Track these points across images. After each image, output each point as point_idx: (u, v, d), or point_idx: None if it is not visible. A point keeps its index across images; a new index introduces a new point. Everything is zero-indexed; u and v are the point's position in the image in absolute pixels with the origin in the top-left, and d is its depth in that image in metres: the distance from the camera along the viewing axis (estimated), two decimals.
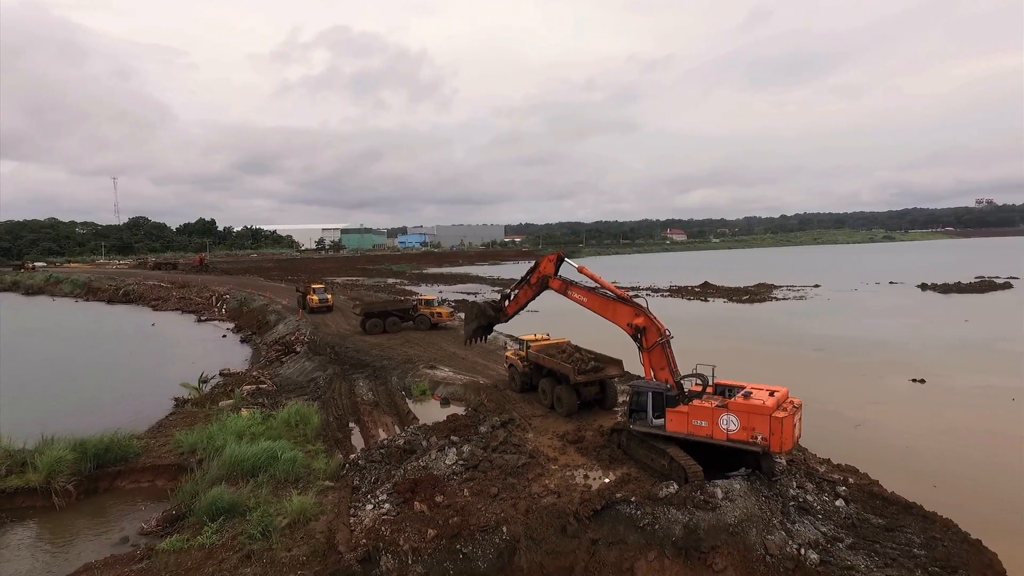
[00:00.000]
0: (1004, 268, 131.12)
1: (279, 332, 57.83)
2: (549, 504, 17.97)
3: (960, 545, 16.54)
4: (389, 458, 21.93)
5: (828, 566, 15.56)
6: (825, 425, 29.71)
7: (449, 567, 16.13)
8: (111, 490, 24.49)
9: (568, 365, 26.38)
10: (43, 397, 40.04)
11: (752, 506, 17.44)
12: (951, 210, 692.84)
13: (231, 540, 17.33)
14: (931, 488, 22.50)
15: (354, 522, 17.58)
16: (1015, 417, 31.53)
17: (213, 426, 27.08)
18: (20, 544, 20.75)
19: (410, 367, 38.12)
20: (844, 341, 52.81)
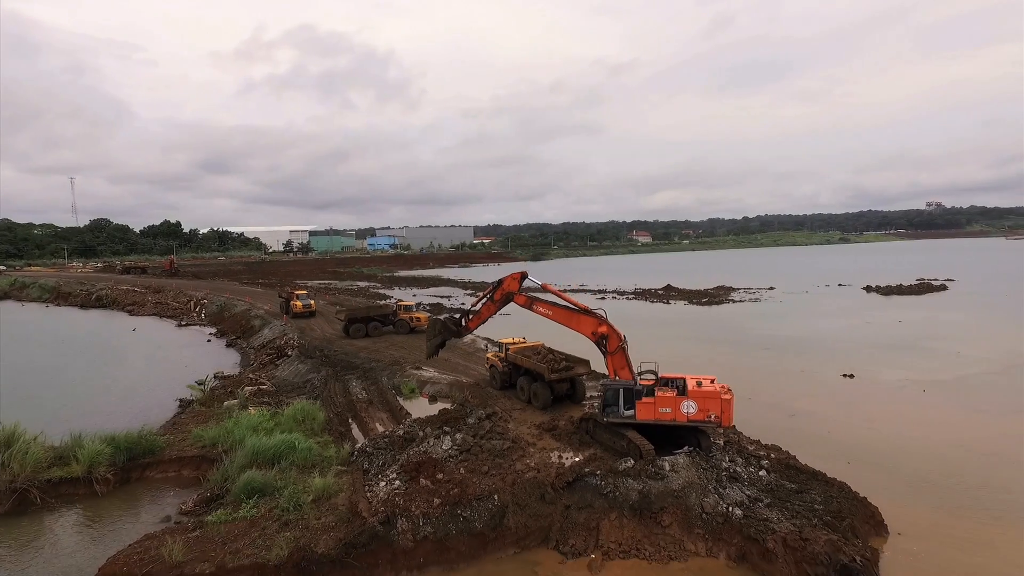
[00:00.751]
0: (943, 270, 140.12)
1: (265, 336, 60.67)
2: (531, 478, 22.05)
3: (851, 502, 21.16)
4: (392, 446, 25.70)
5: (748, 519, 19.95)
6: (765, 415, 34.49)
7: (452, 527, 20.07)
8: (142, 479, 27.71)
9: (543, 365, 30.50)
10: (46, 401, 42.45)
11: (692, 476, 21.79)
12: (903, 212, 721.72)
13: (268, 513, 20.94)
14: (845, 464, 27.22)
15: (371, 496, 21.36)
16: (922, 405, 36.78)
17: (229, 422, 30.46)
18: (71, 524, 23.97)
19: (397, 368, 41.80)
20: (789, 340, 58.21)
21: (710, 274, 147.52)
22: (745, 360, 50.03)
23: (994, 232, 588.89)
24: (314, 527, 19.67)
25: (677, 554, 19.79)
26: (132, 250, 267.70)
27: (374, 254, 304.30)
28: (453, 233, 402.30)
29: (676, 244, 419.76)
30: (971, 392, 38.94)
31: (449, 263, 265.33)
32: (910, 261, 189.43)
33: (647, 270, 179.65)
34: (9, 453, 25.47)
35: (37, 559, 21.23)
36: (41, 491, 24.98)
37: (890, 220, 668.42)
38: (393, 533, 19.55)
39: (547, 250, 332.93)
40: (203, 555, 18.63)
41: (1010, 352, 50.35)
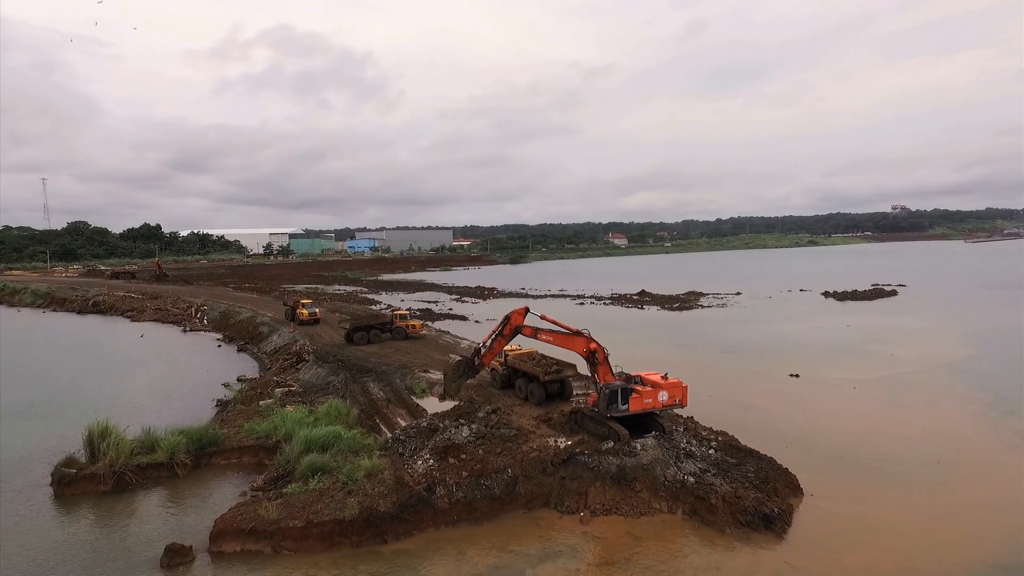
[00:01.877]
0: (898, 275, 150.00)
1: (275, 343, 66.20)
2: (534, 456, 28.48)
3: (776, 472, 28.01)
4: (420, 435, 31.87)
5: (699, 484, 26.64)
6: (724, 409, 41.14)
7: (477, 493, 26.42)
8: (209, 465, 33.51)
9: (538, 369, 36.98)
10: (93, 403, 47.58)
11: (658, 454, 28.42)
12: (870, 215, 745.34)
13: (332, 486, 27.00)
14: (798, 445, 34.09)
15: (411, 471, 27.58)
16: (851, 400, 44.07)
17: (275, 418, 36.40)
18: (165, 498, 29.79)
19: (407, 371, 47.90)
20: (748, 344, 65.56)
21: (682, 279, 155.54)
22: (709, 362, 57.06)
23: (954, 235, 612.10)
24: (372, 494, 25.84)
25: (646, 511, 26.36)
26: (112, 253, 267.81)
27: (355, 257, 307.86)
28: (432, 236, 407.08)
29: (652, 246, 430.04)
30: (893, 389, 46.38)
31: (430, 266, 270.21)
32: (869, 266, 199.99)
33: (623, 274, 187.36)
34: (106, 443, 31.14)
35: (154, 522, 27.09)
36: (134, 473, 30.71)
37: (857, 223, 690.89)
38: (433, 497, 25.84)
39: (525, 253, 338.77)
40: (291, 515, 24.71)
41: (933, 354, 58.25)
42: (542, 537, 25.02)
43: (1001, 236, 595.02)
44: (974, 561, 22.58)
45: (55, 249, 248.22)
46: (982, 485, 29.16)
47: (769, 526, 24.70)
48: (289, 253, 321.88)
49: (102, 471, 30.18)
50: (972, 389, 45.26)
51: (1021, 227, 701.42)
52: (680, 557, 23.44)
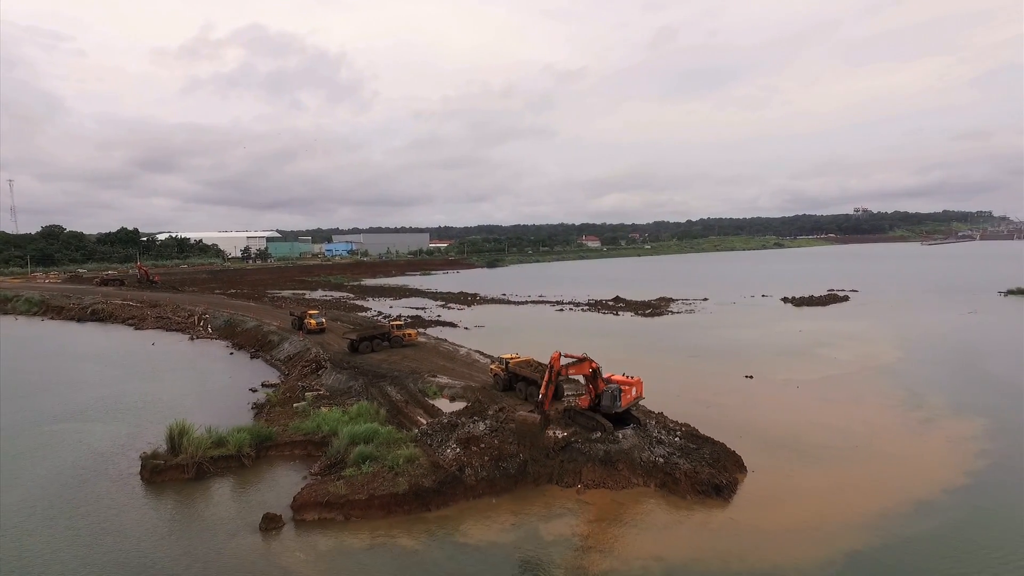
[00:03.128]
0: (853, 280, 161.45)
1: (287, 351, 72.61)
2: (539, 443, 36.11)
3: (726, 453, 36.11)
4: (443, 429, 39.21)
5: (667, 463, 34.56)
6: (689, 405, 49.02)
7: (496, 473, 33.94)
8: (266, 458, 40.36)
9: (536, 374, 44.61)
10: (138, 406, 53.80)
11: (635, 441, 36.29)
12: (834, 217, 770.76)
13: (381, 469, 34.19)
14: (747, 435, 42.09)
15: (443, 458, 34.97)
16: (794, 397, 52.57)
17: (317, 417, 43.42)
18: (239, 483, 36.63)
19: (417, 376, 55.03)
20: (712, 348, 74.12)
21: (654, 284, 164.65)
22: (677, 365, 65.34)
23: (912, 237, 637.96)
24: (416, 474, 33.16)
25: (627, 485, 34.14)
26: (89, 258, 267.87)
27: (334, 261, 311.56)
28: (409, 239, 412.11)
29: (624, 249, 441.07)
30: (829, 388, 55.13)
31: (409, 270, 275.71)
32: (828, 270, 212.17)
33: (598, 279, 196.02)
34: (185, 440, 37.89)
35: (236, 501, 34.03)
36: (210, 464, 37.50)
37: (822, 225, 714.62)
38: (464, 476, 33.31)
39: (502, 256, 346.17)
40: (355, 491, 31.93)
41: (867, 356, 67.44)
42: (548, 504, 32.66)
43: (956, 238, 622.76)
44: (868, 512, 30.80)
45: (32, 254, 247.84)
46: (885, 462, 37.63)
47: (719, 493, 32.73)
48: (267, 257, 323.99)
49: (185, 462, 36.95)
50: (892, 387, 54.25)
51: (974, 229, 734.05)
52: (652, 516, 31.30)
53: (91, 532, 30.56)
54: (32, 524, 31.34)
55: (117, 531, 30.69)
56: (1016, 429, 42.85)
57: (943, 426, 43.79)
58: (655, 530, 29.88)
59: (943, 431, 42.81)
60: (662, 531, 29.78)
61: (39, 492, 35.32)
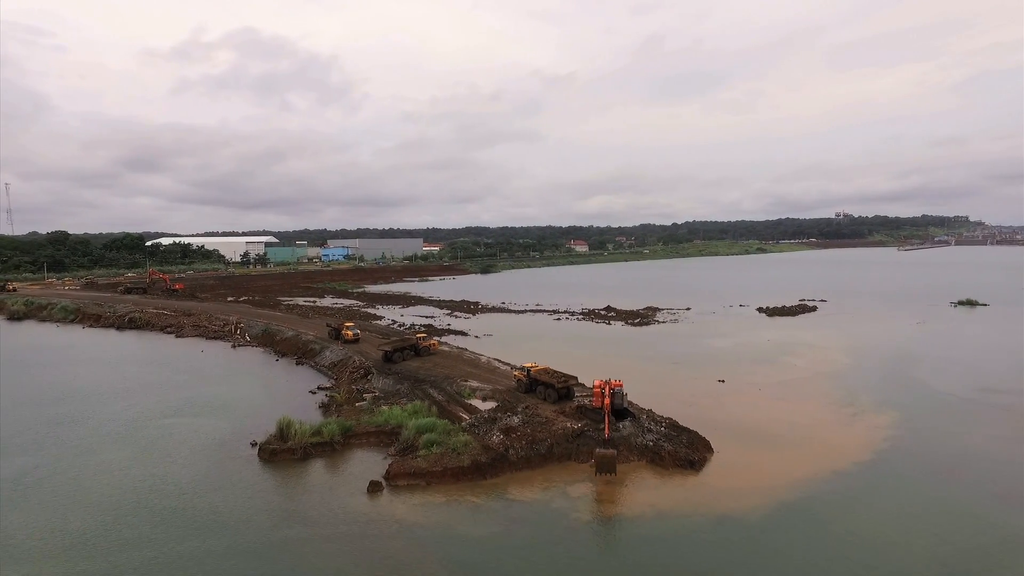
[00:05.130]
0: (825, 288, 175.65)
1: (329, 358, 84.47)
2: (559, 431, 48.67)
3: (698, 439, 48.95)
4: (486, 422, 51.55)
5: (655, 446, 47.28)
6: (673, 405, 61.44)
7: (531, 452, 46.46)
8: (348, 445, 52.41)
9: (554, 380, 57.18)
10: (225, 404, 65.48)
11: (632, 430, 48.98)
12: (815, 221, 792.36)
13: (445, 451, 46.47)
14: (716, 427, 54.67)
15: (491, 442, 47.40)
16: (757, 398, 65.48)
17: (384, 413, 55.63)
18: (335, 463, 48.75)
19: (451, 380, 67.25)
20: (692, 356, 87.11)
21: (641, 292, 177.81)
22: (663, 371, 78.15)
23: (890, 242, 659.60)
24: (473, 454, 45.54)
25: (626, 461, 46.70)
26: (96, 264, 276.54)
27: (333, 266, 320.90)
28: (403, 243, 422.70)
29: (612, 254, 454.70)
30: (785, 390, 68.20)
31: (407, 276, 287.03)
32: (804, 278, 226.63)
33: (589, 286, 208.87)
34: (292, 430, 50.02)
35: (342, 473, 46.22)
36: (311, 447, 49.61)
37: (804, 229, 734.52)
38: (508, 455, 45.81)
39: (494, 262, 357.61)
40: (431, 464, 44.29)
41: (822, 363, 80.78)
42: (570, 474, 45.21)
43: (932, 243, 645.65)
44: (799, 478, 43.56)
45: (45, 260, 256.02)
46: (817, 445, 50.52)
47: (693, 466, 45.49)
48: (266, 262, 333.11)
49: (294, 446, 49.08)
50: (834, 389, 67.51)
51: (950, 234, 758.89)
52: (645, 480, 43.97)
53: (249, 493, 42.62)
54: (203, 488, 43.38)
55: (265, 493, 42.82)
56: (916, 420, 56.13)
57: (865, 419, 57.01)
58: (647, 489, 42.60)
59: (864, 422, 56.01)
60: (652, 490, 42.51)
61: (193, 468, 47.21)
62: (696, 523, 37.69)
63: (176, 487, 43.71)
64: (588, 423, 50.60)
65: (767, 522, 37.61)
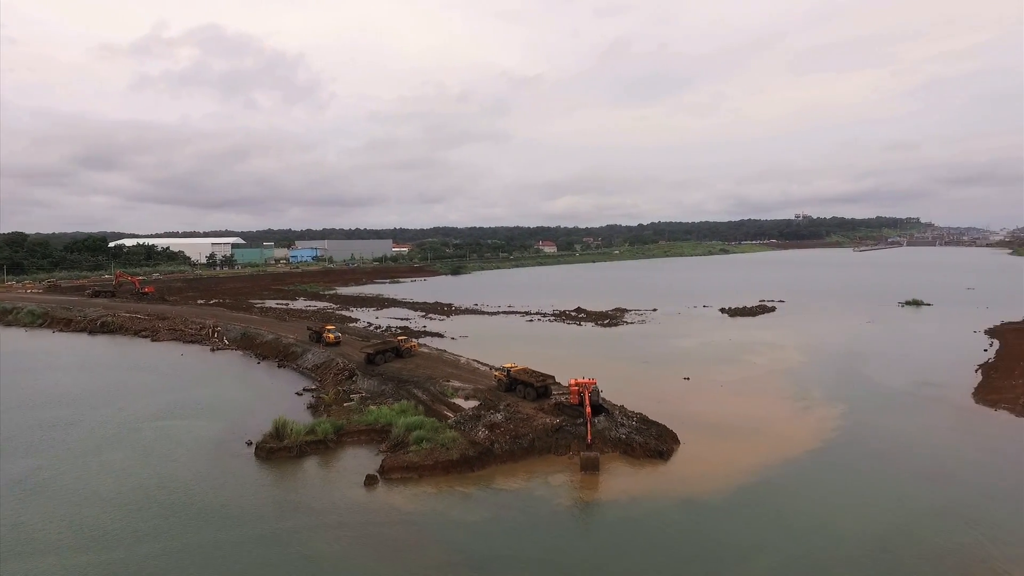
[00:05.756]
0: (784, 288, 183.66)
1: (312, 361, 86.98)
2: (540, 427, 52.71)
3: (666, 431, 53.56)
4: (471, 419, 55.24)
5: (628, 438, 51.69)
6: (644, 402, 66.11)
7: (514, 446, 50.36)
8: (340, 443, 55.49)
9: (533, 379, 61.18)
10: (214, 407, 67.69)
11: (606, 424, 53.30)
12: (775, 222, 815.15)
13: (435, 447, 50.07)
14: (682, 421, 59.32)
15: (476, 437, 51.14)
16: (718, 393, 70.56)
17: (373, 412, 58.87)
18: (328, 460, 51.87)
19: (434, 381, 70.66)
20: (659, 355, 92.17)
21: (610, 293, 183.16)
22: (632, 370, 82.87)
23: (846, 242, 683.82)
24: (461, 448, 49.22)
25: (601, 452, 50.95)
26: (57, 266, 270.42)
27: (302, 267, 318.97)
28: (372, 244, 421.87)
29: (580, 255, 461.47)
30: (743, 386, 73.52)
31: (377, 278, 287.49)
32: (765, 279, 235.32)
33: (558, 287, 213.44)
34: (287, 429, 52.96)
35: (337, 468, 49.38)
36: (306, 445, 52.63)
37: (765, 230, 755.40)
38: (494, 449, 49.63)
39: (464, 263, 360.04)
40: (423, 459, 47.85)
41: (778, 361, 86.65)
42: (550, 465, 49.26)
43: (885, 244, 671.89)
44: (755, 465, 48.39)
45: (1, 262, 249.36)
46: (771, 435, 55.60)
47: (661, 456, 50.04)
48: (233, 263, 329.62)
49: (290, 444, 52.04)
50: (788, 384, 73.15)
51: (903, 235, 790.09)
52: (619, 469, 48.29)
53: (252, 488, 45.54)
54: (207, 484, 46.14)
55: (268, 488, 45.81)
56: (860, 412, 61.86)
57: (815, 411, 62.54)
58: (621, 477, 46.96)
59: (815, 415, 61.51)
60: (625, 478, 46.88)
61: (194, 467, 49.79)
62: (665, 506, 42.14)
63: (181, 484, 46.36)
64: (566, 419, 54.75)
65: (728, 504, 42.25)
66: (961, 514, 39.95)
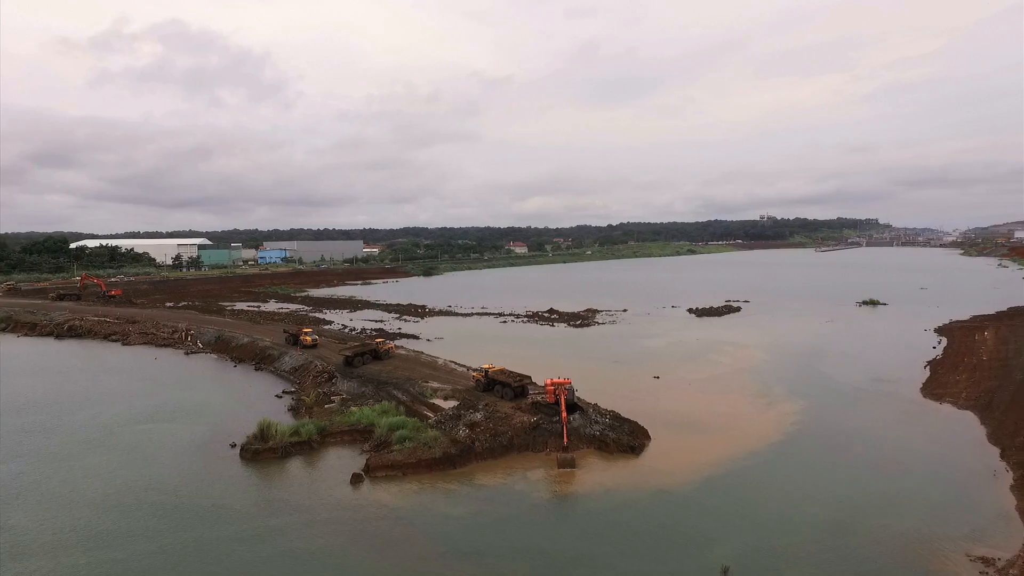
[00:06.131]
0: (749, 288, 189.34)
1: (289, 363, 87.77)
2: (518, 425, 55.00)
3: (639, 428, 56.36)
4: (451, 419, 57.21)
5: (602, 435, 54.31)
6: (615, 399, 68.85)
7: (494, 444, 52.52)
8: (324, 444, 56.94)
9: (511, 379, 63.42)
10: (194, 410, 68.32)
11: (581, 422, 55.84)
12: (741, 223, 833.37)
13: (418, 445, 51.94)
14: (652, 417, 62.18)
15: (458, 436, 53.17)
16: (686, 391, 73.79)
17: (356, 413, 60.41)
18: (313, 460, 53.33)
19: (413, 382, 72.40)
20: (630, 354, 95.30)
21: (580, 295, 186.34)
22: (605, 369, 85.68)
23: (809, 243, 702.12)
24: (443, 446, 51.20)
25: (577, 449, 53.45)
26: (15, 268, 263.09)
27: (272, 269, 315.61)
28: (342, 246, 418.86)
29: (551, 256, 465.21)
30: (711, 384, 76.95)
31: (349, 279, 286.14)
32: (731, 279, 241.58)
33: (530, 289, 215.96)
34: (272, 431, 54.24)
35: (323, 468, 50.89)
36: (290, 446, 53.97)
37: (731, 230, 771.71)
38: (474, 447, 51.73)
39: (435, 264, 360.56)
40: (407, 457, 49.69)
41: (742, 360, 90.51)
42: (529, 461, 51.59)
43: (846, 244, 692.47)
44: (721, 457, 51.40)
45: None
46: (736, 429, 58.82)
47: (633, 451, 52.79)
48: (200, 265, 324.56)
49: (275, 445, 53.35)
50: (752, 382, 76.83)
51: (862, 236, 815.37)
52: (593, 464, 50.85)
53: (241, 488, 46.82)
54: (195, 485, 47.25)
55: (256, 488, 47.15)
56: (818, 407, 65.68)
57: (777, 407, 66.14)
58: (596, 471, 49.54)
59: (776, 410, 65.08)
60: (600, 471, 49.48)
61: (180, 469, 50.76)
62: (637, 497, 44.81)
63: (169, 485, 47.40)
64: (543, 417, 57.14)
65: (696, 494, 45.13)
66: (907, 499, 43.49)
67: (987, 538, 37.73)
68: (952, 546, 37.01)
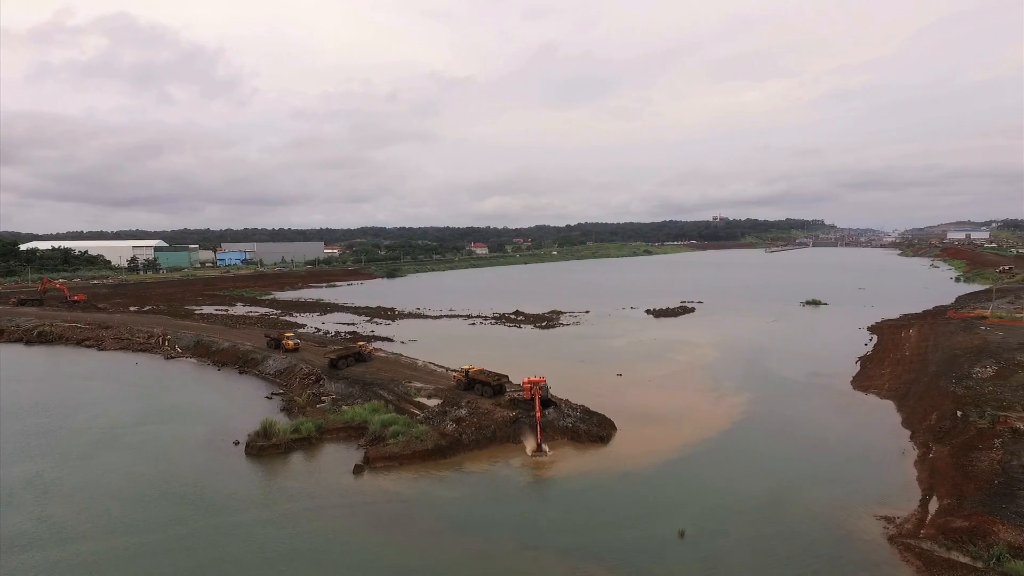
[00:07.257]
0: (702, 289, 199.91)
1: (274, 367, 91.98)
2: (499, 419, 61.40)
3: (606, 420, 63.46)
4: (438, 415, 63.15)
5: (574, 427, 61.18)
6: (583, 395, 75.77)
7: (479, 436, 58.77)
8: (321, 440, 62.13)
9: (490, 379, 69.76)
10: (189, 411, 72.40)
11: (554, 415, 62.60)
12: (695, 223, 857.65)
13: (410, 439, 57.76)
14: (618, 411, 69.30)
15: (446, 430, 59.21)
16: (647, 387, 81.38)
17: (349, 411, 65.77)
18: (314, 454, 58.60)
19: (397, 383, 77.91)
20: (594, 354, 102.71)
21: (544, 296, 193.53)
22: (572, 368, 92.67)
23: (759, 243, 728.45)
24: (433, 439, 57.20)
25: (552, 439, 60.18)
26: None
27: (234, 271, 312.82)
28: (304, 248, 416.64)
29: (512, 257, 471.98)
30: (668, 380, 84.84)
31: (312, 281, 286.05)
32: (685, 280, 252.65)
33: (494, 290, 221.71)
34: (274, 428, 59.26)
35: (324, 461, 56.25)
36: (292, 443, 59.09)
37: (686, 231, 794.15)
38: (462, 439, 57.90)
39: (398, 265, 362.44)
40: (402, 449, 55.54)
41: (696, 358, 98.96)
42: (510, 452, 58.05)
43: (794, 245, 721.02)
44: (677, 444, 58.85)
45: None
46: (691, 420, 66.52)
47: (602, 440, 59.86)
48: (157, 267, 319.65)
49: (278, 442, 58.41)
50: (705, 378, 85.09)
51: (809, 236, 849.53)
52: (567, 452, 57.67)
53: (253, 480, 51.85)
54: (210, 478, 52.07)
55: (267, 479, 52.26)
56: (763, 399, 74.15)
57: (727, 400, 74.34)
58: (569, 458, 56.40)
59: (727, 402, 73.24)
60: (573, 458, 56.36)
61: (192, 464, 55.36)
62: (606, 479, 51.79)
63: (187, 479, 52.15)
64: (521, 412, 63.69)
65: (657, 475, 52.40)
66: (830, 475, 51.69)
67: (892, 502, 46.01)
68: (864, 510, 45.09)
